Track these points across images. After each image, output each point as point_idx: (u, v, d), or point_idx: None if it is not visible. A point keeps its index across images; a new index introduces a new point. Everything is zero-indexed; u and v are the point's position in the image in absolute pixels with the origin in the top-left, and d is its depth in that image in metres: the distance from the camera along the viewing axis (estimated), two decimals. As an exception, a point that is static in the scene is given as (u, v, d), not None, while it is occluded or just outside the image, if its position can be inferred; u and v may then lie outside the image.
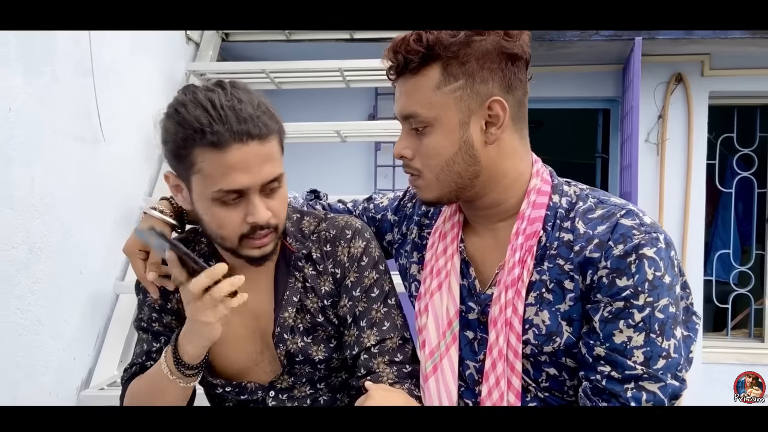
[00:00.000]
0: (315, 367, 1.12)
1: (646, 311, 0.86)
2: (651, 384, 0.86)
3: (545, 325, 0.93)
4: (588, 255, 0.90)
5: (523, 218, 0.97)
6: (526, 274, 0.95)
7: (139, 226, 1.15)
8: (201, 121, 0.92)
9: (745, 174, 3.67)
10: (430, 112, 0.94)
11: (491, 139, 0.95)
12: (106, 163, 1.97)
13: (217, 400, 1.20)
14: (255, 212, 0.97)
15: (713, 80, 3.38)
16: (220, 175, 0.94)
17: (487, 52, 0.92)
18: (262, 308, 1.11)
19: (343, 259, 1.11)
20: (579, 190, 0.99)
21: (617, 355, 0.88)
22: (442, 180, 0.98)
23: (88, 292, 1.87)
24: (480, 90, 0.93)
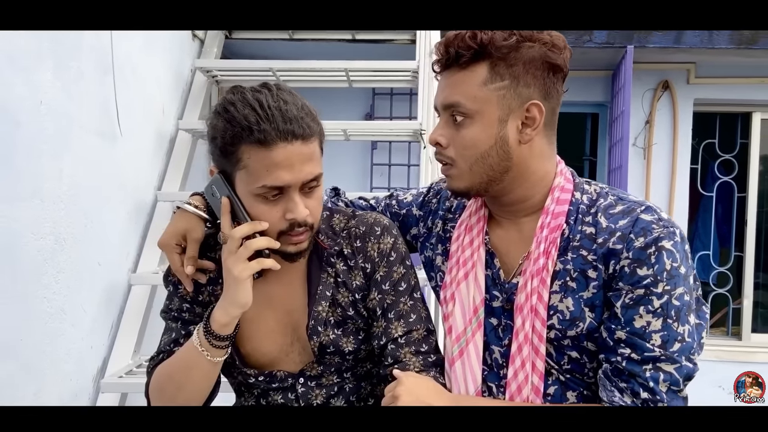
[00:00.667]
0: (344, 357, 1.17)
1: (664, 298, 0.94)
2: (668, 365, 0.93)
3: (569, 311, 1.01)
4: (611, 246, 0.97)
5: (547, 213, 1.04)
6: (550, 263, 1.02)
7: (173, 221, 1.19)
8: (249, 120, 0.98)
9: (725, 179, 3.82)
10: (474, 105, 1.01)
11: (525, 139, 1.02)
12: (122, 158, 2.01)
13: (244, 389, 1.24)
14: (295, 209, 1.02)
15: (698, 88, 3.52)
16: (264, 172, 0.99)
17: (533, 59, 0.99)
18: (294, 303, 1.16)
19: (373, 254, 1.16)
20: (599, 188, 1.07)
21: (637, 338, 0.95)
22: (474, 171, 1.04)
23: (104, 283, 1.91)
24: (522, 92, 1.00)
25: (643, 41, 3.05)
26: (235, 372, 1.20)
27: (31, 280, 1.52)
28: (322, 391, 1.19)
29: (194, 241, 1.16)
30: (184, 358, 1.11)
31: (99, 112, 1.85)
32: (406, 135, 2.63)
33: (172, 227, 1.18)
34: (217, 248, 1.19)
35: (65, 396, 1.69)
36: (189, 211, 1.18)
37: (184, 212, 1.19)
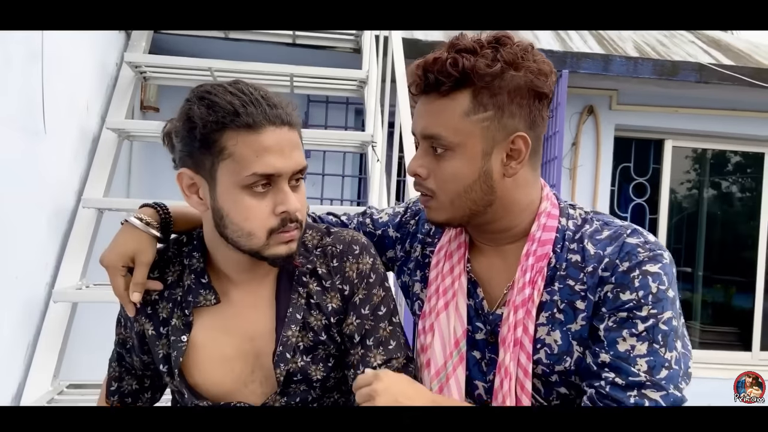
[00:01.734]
0: (311, 386, 1.07)
1: (650, 322, 0.89)
2: (654, 392, 0.88)
3: (557, 344, 0.96)
4: (600, 274, 0.93)
5: (533, 240, 0.99)
6: (536, 294, 0.97)
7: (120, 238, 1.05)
8: (234, 104, 0.91)
9: (638, 201, 4.07)
10: (455, 138, 0.94)
11: (510, 173, 0.96)
12: (43, 157, 1.79)
13: None
14: (286, 201, 0.95)
15: (619, 114, 3.73)
16: (254, 158, 0.92)
17: (518, 87, 0.92)
18: (258, 328, 1.06)
19: (352, 275, 1.08)
20: (584, 212, 1.02)
21: (621, 362, 0.89)
22: (456, 205, 0.98)
23: (21, 299, 1.68)
24: (507, 124, 0.94)
25: (575, 66, 3.17)
26: (188, 402, 1.08)
27: (-58, 298, 1.30)
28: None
29: (144, 265, 1.04)
30: None
31: (23, 105, 1.63)
32: (353, 146, 2.56)
33: (119, 246, 1.05)
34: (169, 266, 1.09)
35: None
36: (139, 228, 1.05)
37: (132, 228, 1.06)
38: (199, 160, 0.96)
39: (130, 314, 1.05)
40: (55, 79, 1.82)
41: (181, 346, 1.04)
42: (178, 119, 0.97)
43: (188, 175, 0.98)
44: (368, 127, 2.44)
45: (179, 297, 1.06)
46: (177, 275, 1.07)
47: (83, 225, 2.00)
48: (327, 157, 3.63)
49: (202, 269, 1.06)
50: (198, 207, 1.00)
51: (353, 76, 2.56)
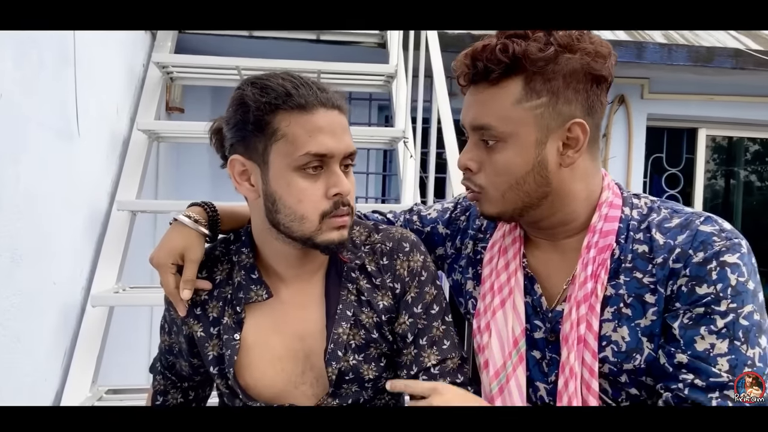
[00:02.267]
0: (363, 386, 1.05)
1: (730, 317, 0.83)
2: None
3: (624, 341, 0.91)
4: (671, 266, 0.87)
5: (594, 231, 0.94)
6: (600, 288, 0.92)
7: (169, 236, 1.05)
8: (286, 86, 0.92)
9: (671, 192, 3.97)
10: (506, 127, 0.90)
11: (567, 162, 0.91)
12: (77, 160, 1.77)
13: None
14: (339, 183, 0.94)
15: (651, 103, 3.63)
16: (307, 137, 0.92)
17: (574, 71, 0.87)
18: (309, 328, 1.04)
19: (403, 273, 1.05)
20: (650, 201, 0.97)
21: (700, 362, 0.84)
22: (507, 198, 0.94)
23: (59, 305, 1.67)
24: (562, 110, 0.89)
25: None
26: (239, 405, 1.07)
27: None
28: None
29: (192, 262, 1.04)
30: None
31: (57, 108, 1.62)
32: (382, 142, 2.52)
33: (168, 244, 1.04)
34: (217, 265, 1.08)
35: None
36: (188, 226, 1.05)
37: (182, 226, 1.06)
38: (251, 145, 0.96)
39: (181, 313, 1.04)
40: (86, 81, 1.80)
41: (235, 345, 1.03)
42: (230, 107, 0.97)
43: (240, 162, 0.97)
44: (398, 123, 2.40)
45: (229, 295, 1.05)
46: (226, 273, 1.07)
47: (117, 227, 1.99)
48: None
49: (252, 264, 1.04)
50: (249, 194, 0.99)
51: (381, 71, 2.52)
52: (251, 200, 1.00)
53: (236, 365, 1.03)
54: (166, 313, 1.11)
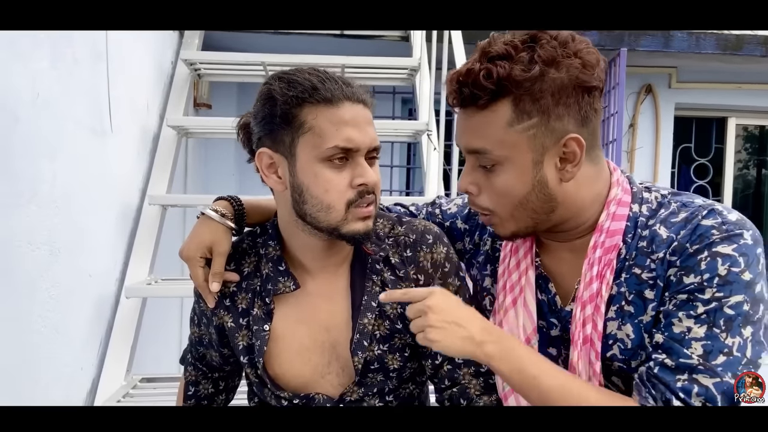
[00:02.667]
0: (388, 376, 1.07)
1: (712, 305, 0.82)
2: (705, 378, 0.82)
3: (630, 339, 0.90)
4: (669, 259, 0.86)
5: (601, 231, 0.92)
6: (605, 288, 0.91)
7: (197, 230, 1.08)
8: (313, 81, 0.95)
9: (700, 182, 3.91)
10: (501, 151, 0.89)
11: (567, 177, 0.90)
12: (110, 156, 1.82)
13: None
14: (364, 173, 0.96)
15: (679, 92, 3.58)
16: (333, 130, 0.94)
17: (563, 86, 0.85)
18: (335, 319, 1.07)
19: (426, 265, 1.07)
20: (660, 195, 0.94)
21: (674, 343, 0.84)
22: (517, 217, 0.94)
23: (94, 296, 1.73)
24: (555, 127, 0.87)
25: (633, 44, 3.06)
26: (268, 395, 1.10)
27: (26, 295, 1.33)
28: None
29: (221, 255, 1.06)
30: None
31: (91, 106, 1.67)
32: (406, 135, 2.53)
33: (196, 237, 1.07)
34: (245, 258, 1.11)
35: (57, 425, 1.50)
36: (215, 220, 1.08)
37: (209, 220, 1.09)
38: (278, 138, 0.98)
39: (210, 305, 1.07)
40: (118, 79, 1.85)
41: (264, 335, 1.06)
42: (257, 102, 1.00)
43: (267, 155, 1.00)
44: (422, 116, 2.41)
45: (258, 287, 1.08)
46: (253, 266, 1.09)
47: (149, 222, 2.04)
48: (376, 147, 3.62)
49: (279, 257, 1.07)
50: (276, 186, 1.01)
51: (404, 65, 2.53)
52: (278, 192, 1.02)
53: (265, 355, 1.05)
54: (195, 306, 1.15)
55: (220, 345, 1.12)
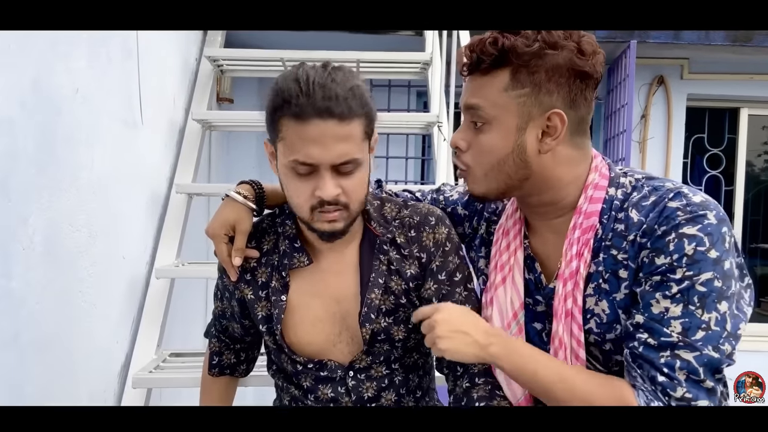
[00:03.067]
0: (393, 345, 1.17)
1: (685, 284, 0.88)
2: (687, 353, 0.88)
3: (605, 314, 0.99)
4: (639, 241, 0.94)
5: (580, 212, 1.01)
6: (583, 266, 0.99)
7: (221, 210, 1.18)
8: (291, 93, 0.97)
9: (713, 173, 3.94)
10: (492, 110, 0.99)
11: (545, 149, 0.99)
12: (141, 147, 1.96)
13: (291, 385, 1.25)
14: (323, 187, 1.01)
15: (691, 83, 3.61)
16: (298, 146, 0.99)
17: (557, 66, 0.95)
18: (345, 292, 1.16)
19: (429, 244, 1.16)
20: (635, 180, 1.01)
21: (655, 323, 0.90)
22: (490, 177, 1.03)
23: (127, 277, 1.87)
24: (543, 100, 0.96)
25: (644, 36, 3.11)
26: (285, 361, 1.21)
27: (69, 273, 1.47)
28: (372, 384, 1.19)
29: (242, 233, 1.17)
30: None
31: (124, 100, 1.80)
32: (418, 127, 2.63)
33: (221, 217, 1.18)
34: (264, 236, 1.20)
35: (96, 392, 1.65)
36: (238, 201, 1.18)
37: (233, 201, 1.19)
38: (270, 135, 1.07)
39: (233, 278, 1.17)
40: (147, 75, 1.98)
41: (282, 305, 1.16)
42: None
43: (269, 146, 1.10)
44: (433, 108, 2.51)
45: (276, 262, 1.17)
46: (272, 243, 1.19)
47: (176, 209, 2.17)
48: (390, 139, 3.71)
49: (294, 235, 1.17)
50: (276, 173, 1.11)
51: (417, 59, 2.62)
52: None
53: (282, 324, 1.15)
54: (219, 282, 1.25)
55: (241, 317, 1.23)
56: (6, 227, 1.19)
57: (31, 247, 1.27)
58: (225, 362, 1.34)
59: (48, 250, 1.35)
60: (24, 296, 1.25)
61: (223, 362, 1.34)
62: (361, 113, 1.01)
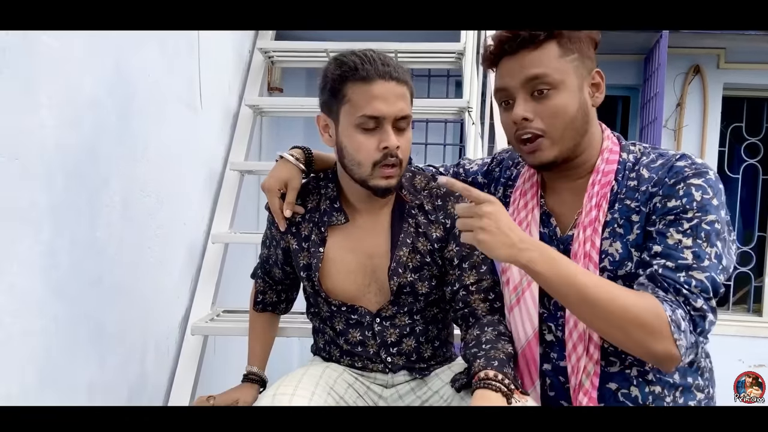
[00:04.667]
0: (417, 298, 1.34)
1: (695, 221, 1.07)
2: (699, 273, 1.05)
3: (618, 253, 1.16)
4: (650, 190, 1.12)
5: (598, 171, 1.20)
6: (601, 215, 1.17)
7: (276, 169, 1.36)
8: (355, 62, 1.18)
9: (751, 161, 3.95)
10: (558, 75, 1.16)
11: (596, 101, 1.20)
12: (200, 129, 2.22)
13: (326, 326, 1.44)
14: (388, 139, 1.18)
15: (728, 73, 3.64)
16: (365, 103, 1.17)
17: (586, 36, 1.18)
18: (377, 249, 1.34)
19: (453, 212, 1.32)
20: (643, 148, 1.21)
21: (671, 250, 1.07)
22: (566, 137, 1.17)
23: (188, 241, 2.13)
24: (586, 63, 1.18)
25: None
26: (321, 303, 1.39)
27: (141, 232, 1.73)
28: (395, 330, 1.36)
29: (293, 189, 1.35)
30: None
31: (186, 87, 2.06)
32: (451, 113, 2.81)
33: (276, 173, 1.37)
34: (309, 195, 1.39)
35: (161, 338, 1.91)
36: (291, 162, 1.38)
37: (286, 162, 1.38)
38: (329, 106, 1.25)
39: (282, 228, 1.36)
40: (207, 65, 2.24)
41: (320, 255, 1.34)
42: (320, 78, 1.26)
43: (323, 118, 1.29)
44: (466, 95, 2.68)
45: (317, 218, 1.36)
46: (316, 203, 1.38)
47: (230, 185, 2.42)
48: (429, 127, 3.89)
49: (335, 196, 1.35)
50: (329, 143, 1.30)
51: (452, 49, 2.79)
52: (331, 146, 1.31)
53: (320, 272, 1.34)
54: (267, 231, 1.46)
55: (284, 263, 1.44)
56: (93, 187, 1.45)
57: (111, 205, 1.53)
58: (267, 300, 1.56)
59: (125, 209, 1.61)
60: (105, 246, 1.51)
61: (266, 300, 1.56)
62: (409, 81, 1.22)
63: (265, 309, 1.58)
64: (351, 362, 1.42)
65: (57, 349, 1.32)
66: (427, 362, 1.41)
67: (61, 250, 1.31)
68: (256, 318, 1.59)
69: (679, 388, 1.17)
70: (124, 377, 1.67)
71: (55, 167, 1.28)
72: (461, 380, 1.25)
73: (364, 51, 1.21)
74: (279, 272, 1.50)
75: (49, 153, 1.26)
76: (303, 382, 1.27)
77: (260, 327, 1.59)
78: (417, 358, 1.39)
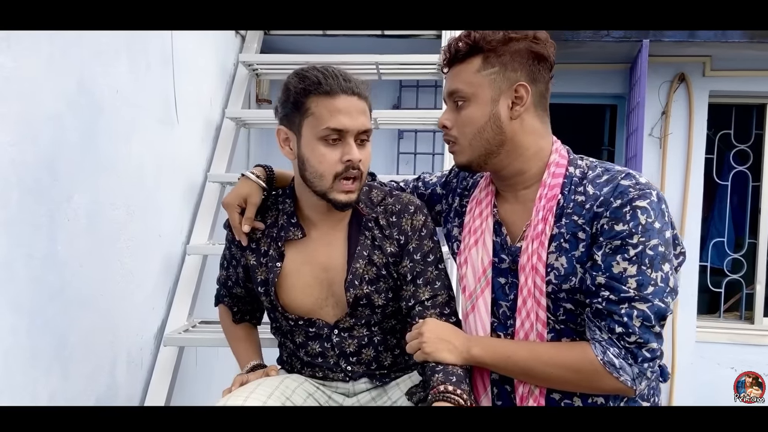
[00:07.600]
0: (374, 310, 1.36)
1: (639, 248, 1.09)
2: (641, 304, 1.09)
3: (563, 267, 1.18)
4: (596, 210, 1.14)
5: (544, 185, 1.22)
6: (548, 228, 1.20)
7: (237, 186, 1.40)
8: (317, 77, 1.21)
9: (740, 168, 3.94)
10: (470, 89, 1.21)
11: (515, 115, 1.20)
12: (177, 142, 2.25)
13: (287, 340, 1.46)
14: (351, 152, 1.22)
15: (713, 80, 3.64)
16: (328, 116, 1.20)
17: (519, 50, 1.19)
18: (333, 262, 1.36)
19: (407, 228, 1.35)
20: (590, 162, 1.24)
21: (615, 282, 1.10)
22: (474, 145, 1.23)
23: (164, 253, 2.15)
24: (510, 76, 1.19)
25: (659, 35, 3.19)
26: (280, 318, 1.41)
27: (109, 244, 1.76)
28: (354, 341, 1.38)
29: (252, 205, 1.38)
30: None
31: (160, 101, 2.09)
32: (432, 123, 2.83)
33: (236, 190, 1.40)
34: (268, 212, 1.41)
35: (133, 349, 1.94)
36: (251, 179, 1.40)
37: (247, 179, 1.41)
38: (291, 119, 1.27)
39: (243, 243, 1.39)
40: (185, 79, 2.28)
41: (276, 270, 1.36)
42: (281, 91, 1.29)
43: (284, 131, 1.31)
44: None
45: (275, 234, 1.39)
46: (274, 218, 1.41)
47: (210, 196, 2.45)
48: (418, 137, 3.91)
49: (292, 211, 1.38)
50: (289, 156, 1.32)
51: (431, 60, 2.81)
52: (291, 160, 1.33)
53: (277, 288, 1.36)
54: (226, 252, 1.48)
55: (245, 280, 1.46)
56: (53, 201, 1.48)
57: (75, 218, 1.56)
58: (244, 309, 1.57)
59: (90, 222, 1.64)
60: (68, 259, 1.54)
61: (242, 309, 1.57)
62: (368, 97, 1.27)
63: (243, 319, 1.59)
64: (312, 373, 1.44)
65: (15, 360, 1.35)
66: (388, 369, 1.43)
67: (17, 263, 1.34)
68: (236, 328, 1.60)
69: (624, 399, 1.18)
70: (92, 388, 1.69)
71: (11, 183, 1.31)
72: (418, 394, 1.26)
73: (325, 66, 1.24)
74: (241, 290, 1.52)
75: (4, 170, 1.29)
76: (256, 392, 1.28)
77: (242, 332, 1.58)
78: (377, 366, 1.41)
